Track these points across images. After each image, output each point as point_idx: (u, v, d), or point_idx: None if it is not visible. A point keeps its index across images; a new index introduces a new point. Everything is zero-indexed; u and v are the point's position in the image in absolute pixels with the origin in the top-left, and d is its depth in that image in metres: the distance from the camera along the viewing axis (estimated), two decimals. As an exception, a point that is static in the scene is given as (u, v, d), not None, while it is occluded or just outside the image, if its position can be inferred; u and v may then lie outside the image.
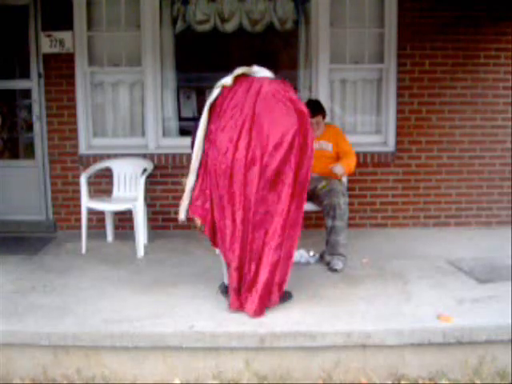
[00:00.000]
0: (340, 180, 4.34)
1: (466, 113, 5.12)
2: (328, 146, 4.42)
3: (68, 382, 2.96)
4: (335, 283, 3.72)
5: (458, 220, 5.24)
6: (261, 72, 3.33)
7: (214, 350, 2.95)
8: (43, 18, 4.96)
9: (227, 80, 3.27)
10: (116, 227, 4.96)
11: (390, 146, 5.18)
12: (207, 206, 3.26)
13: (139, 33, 5.08)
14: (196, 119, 3.44)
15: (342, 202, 4.04)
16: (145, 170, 4.71)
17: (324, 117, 4.49)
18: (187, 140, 5.59)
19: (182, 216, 3.34)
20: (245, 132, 3.13)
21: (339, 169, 4.18)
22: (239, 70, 3.30)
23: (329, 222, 4.06)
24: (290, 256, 3.23)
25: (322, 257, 4.15)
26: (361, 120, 5.34)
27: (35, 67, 5.08)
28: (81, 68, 5.04)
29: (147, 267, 4.11)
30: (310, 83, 5.24)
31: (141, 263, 4.23)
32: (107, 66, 5.16)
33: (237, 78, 3.28)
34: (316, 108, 4.39)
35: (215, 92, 3.29)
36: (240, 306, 3.19)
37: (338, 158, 4.39)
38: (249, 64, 3.36)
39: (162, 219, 5.20)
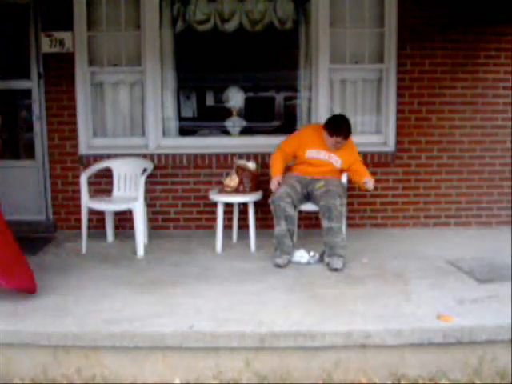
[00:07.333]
0: (339, 180, 4.34)
1: (466, 113, 5.12)
2: (337, 163, 4.29)
3: (68, 381, 2.95)
4: (335, 283, 3.71)
5: (458, 220, 5.24)
6: None
7: (214, 350, 2.95)
8: (43, 18, 4.96)
9: None
10: (116, 227, 4.97)
11: (390, 146, 5.18)
12: None
13: (139, 33, 5.08)
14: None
15: (339, 203, 4.01)
16: (145, 170, 4.71)
17: (347, 138, 4.22)
18: (187, 140, 5.62)
19: None
20: None
21: (371, 185, 4.14)
22: None
23: (325, 223, 4.05)
24: None
25: (322, 257, 4.15)
26: (361, 120, 5.33)
27: (35, 67, 5.08)
28: (81, 68, 5.03)
29: (147, 267, 4.11)
30: (309, 83, 5.24)
31: (141, 263, 4.22)
32: (107, 66, 5.16)
33: None
34: (337, 129, 4.18)
35: None
36: None
37: (342, 171, 4.35)
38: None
39: (161, 219, 5.20)
